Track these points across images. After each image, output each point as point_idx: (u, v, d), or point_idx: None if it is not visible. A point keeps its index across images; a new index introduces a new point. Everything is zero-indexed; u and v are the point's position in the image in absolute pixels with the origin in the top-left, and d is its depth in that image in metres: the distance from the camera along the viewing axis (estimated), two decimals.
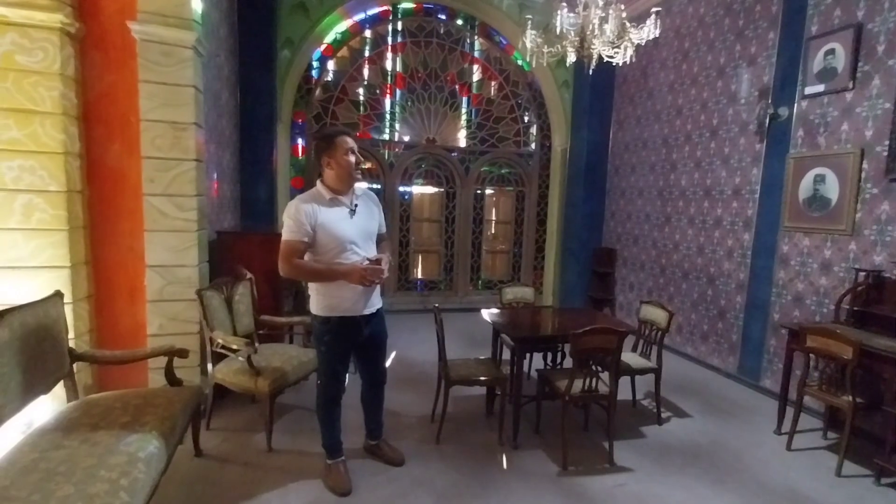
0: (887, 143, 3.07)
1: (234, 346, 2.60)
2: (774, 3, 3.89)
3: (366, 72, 5.90)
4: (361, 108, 5.94)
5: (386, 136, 6.05)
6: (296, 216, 2.10)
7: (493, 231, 6.67)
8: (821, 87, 3.50)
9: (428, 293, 6.47)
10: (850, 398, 2.70)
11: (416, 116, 6.10)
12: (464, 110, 6.26)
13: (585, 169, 6.08)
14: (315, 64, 5.72)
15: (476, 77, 6.24)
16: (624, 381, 3.28)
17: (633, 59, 2.78)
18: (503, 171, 6.53)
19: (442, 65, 6.06)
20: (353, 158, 2.18)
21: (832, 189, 3.42)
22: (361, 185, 2.35)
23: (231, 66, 4.48)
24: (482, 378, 2.85)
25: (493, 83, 6.31)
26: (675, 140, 4.99)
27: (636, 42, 2.60)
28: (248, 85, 4.80)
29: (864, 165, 3.24)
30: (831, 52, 3.42)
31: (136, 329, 2.92)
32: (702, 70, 4.64)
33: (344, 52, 5.82)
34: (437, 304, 2.95)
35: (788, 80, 3.75)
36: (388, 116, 6.03)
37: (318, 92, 5.78)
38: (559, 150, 6.47)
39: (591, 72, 2.93)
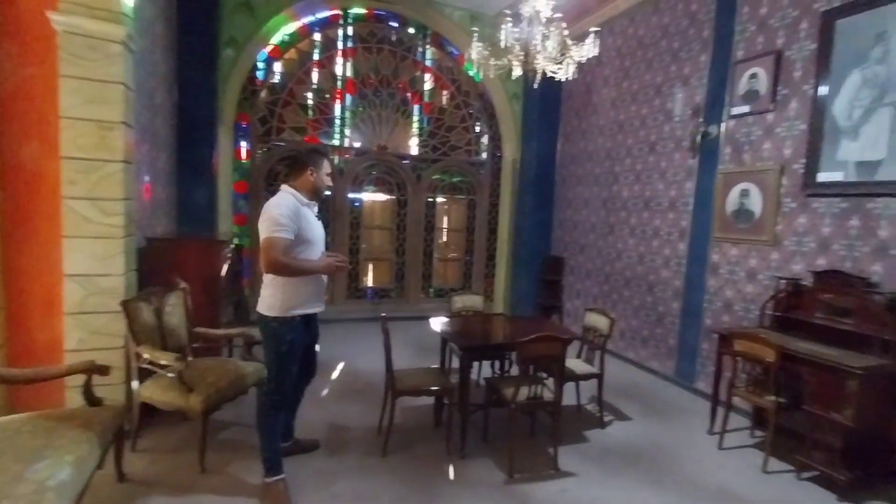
0: (803, 161, 3.35)
1: (163, 361, 2.43)
2: (706, 28, 4.17)
3: (315, 75, 5.78)
4: (310, 112, 5.81)
5: (336, 142, 5.94)
6: (288, 215, 2.21)
7: (444, 239, 6.69)
8: (746, 108, 3.77)
9: (379, 301, 6.38)
10: (774, 398, 2.90)
11: (368, 122, 6.03)
12: (416, 118, 6.26)
13: (535, 179, 6.24)
14: (260, 65, 5.53)
15: (428, 86, 6.27)
16: (569, 386, 3.35)
17: (577, 76, 2.89)
18: (455, 180, 6.57)
19: (394, 72, 6.04)
20: (330, 179, 2.53)
21: (756, 203, 3.69)
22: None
23: (168, 64, 4.25)
24: (430, 388, 2.82)
25: (444, 92, 6.36)
26: (617, 153, 5.22)
27: (577, 59, 2.70)
28: (187, 84, 4.57)
29: (784, 181, 3.51)
30: (755, 75, 3.70)
31: (52, 344, 2.67)
32: (641, 88, 4.89)
33: (292, 54, 5.67)
34: (384, 314, 2.89)
35: (717, 100, 4.02)
36: (338, 122, 5.92)
37: (263, 94, 5.59)
38: (510, 160, 6.60)
39: (536, 86, 3.01)
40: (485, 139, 6.62)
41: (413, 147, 6.30)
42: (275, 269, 2.19)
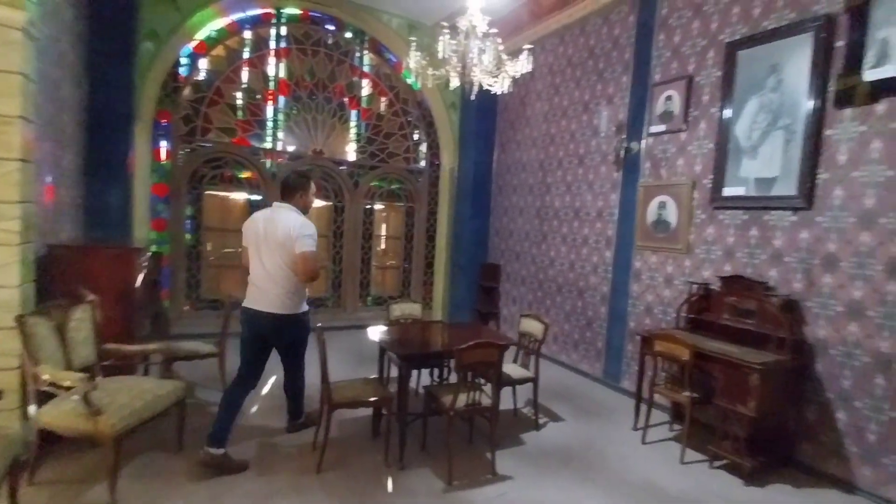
0: (711, 176, 3.69)
1: (66, 383, 2.18)
2: (627, 51, 4.49)
3: (245, 74, 5.52)
4: (240, 113, 5.53)
5: (268, 145, 5.70)
6: (314, 232, 2.76)
7: (383, 246, 6.62)
8: (662, 127, 4.10)
9: (315, 311, 6.15)
10: (689, 394, 3.15)
11: (303, 126, 5.85)
12: (353, 123, 6.16)
13: (472, 187, 6.36)
14: (184, 60, 5.20)
15: (366, 91, 6.21)
16: (506, 390, 3.44)
17: (512, 89, 2.99)
18: (393, 187, 6.54)
19: (330, 76, 5.92)
20: (314, 198, 3.03)
21: (672, 214, 4.01)
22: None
23: (77, 55, 3.87)
24: (367, 399, 2.76)
25: (383, 99, 6.32)
26: (549, 165, 5.46)
27: (512, 74, 2.80)
28: (99, 77, 4.19)
29: (695, 195, 3.85)
30: (670, 97, 4.04)
31: None
32: (570, 104, 5.16)
33: (219, 50, 5.38)
34: (319, 324, 2.80)
35: (638, 118, 4.34)
36: (270, 124, 5.69)
37: (187, 91, 5.25)
38: (448, 169, 6.68)
39: (473, 97, 3.08)
40: (423, 147, 6.65)
41: (350, 153, 6.20)
42: (315, 278, 2.80)
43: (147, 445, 2.83)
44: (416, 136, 6.59)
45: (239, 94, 5.52)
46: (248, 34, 5.51)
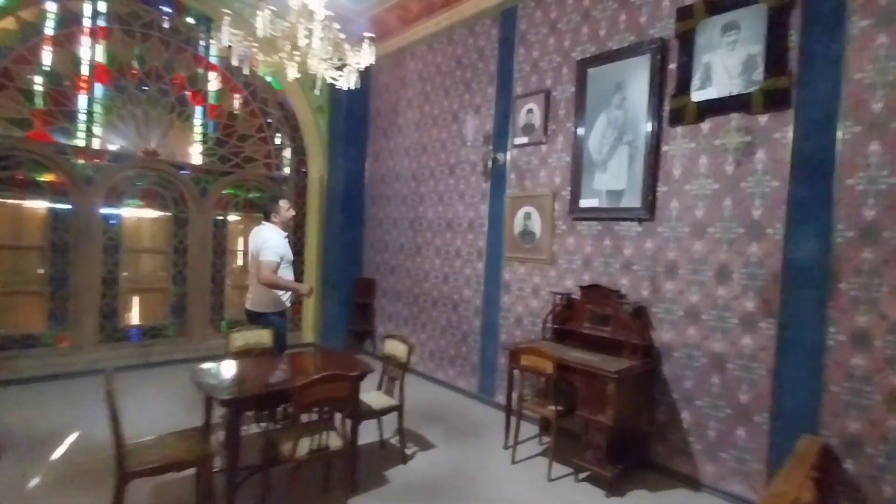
0: (569, 188, 3.77)
1: None
2: (491, 63, 4.49)
3: (46, 54, 4.44)
4: (39, 101, 4.42)
5: (80, 142, 4.64)
6: (280, 243, 3.51)
7: (240, 263, 5.83)
8: (525, 139, 4.13)
9: (150, 342, 5.16)
10: (554, 407, 3.09)
11: (130, 122, 4.90)
12: (198, 122, 5.35)
13: (344, 198, 5.93)
14: None
15: (214, 86, 5.44)
16: (370, 423, 3.07)
17: (358, 85, 2.69)
18: (252, 196, 5.81)
19: (167, 65, 5.06)
20: (292, 213, 3.75)
21: (536, 224, 4.03)
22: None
23: None
24: (177, 461, 2.17)
25: (236, 96, 5.60)
26: (421, 175, 5.27)
27: (356, 66, 2.50)
28: None
29: (556, 206, 3.91)
30: (531, 110, 4.08)
31: None
32: (441, 113, 5.04)
33: (8, 23, 4.26)
34: (108, 368, 2.16)
35: (503, 130, 4.34)
36: (83, 116, 4.65)
37: None
38: (316, 177, 6.16)
39: (318, 91, 2.71)
40: (287, 153, 6.04)
41: (195, 155, 5.36)
42: (269, 284, 3.41)
43: None
44: (278, 140, 5.95)
45: (38, 78, 4.41)
46: (51, 6, 4.45)
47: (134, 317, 5.14)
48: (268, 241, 3.43)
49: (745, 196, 2.88)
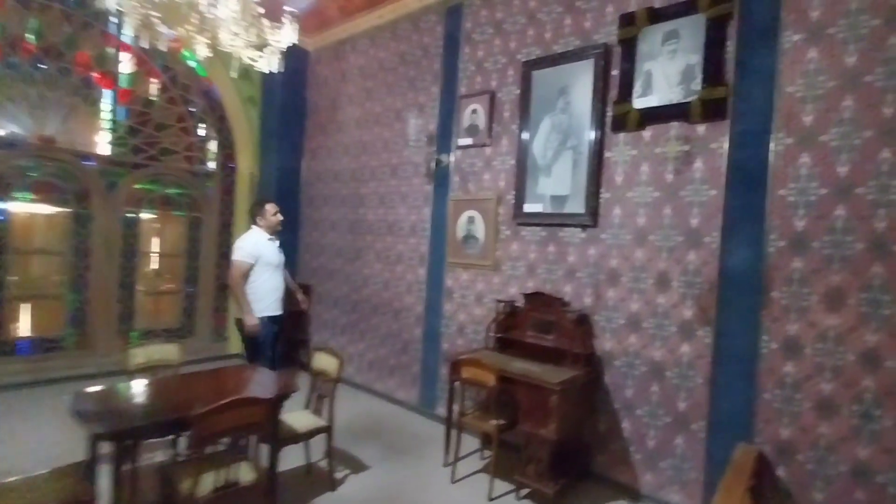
0: (514, 192, 3.67)
1: None
2: (436, 61, 4.32)
3: None
4: None
5: None
6: (254, 245, 3.54)
7: (155, 266, 5.25)
8: (469, 141, 3.99)
9: (43, 357, 4.49)
10: (496, 422, 2.94)
11: (22, 103, 4.25)
12: (107, 107, 4.75)
13: (276, 197, 5.45)
14: None
15: (127, 69, 4.86)
16: (296, 446, 2.76)
17: (282, 69, 2.41)
18: (170, 192, 5.26)
19: (69, 42, 4.45)
20: (279, 217, 3.72)
21: (480, 229, 3.89)
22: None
23: None
24: None
25: (154, 81, 5.05)
26: (362, 175, 5.00)
27: (277, 46, 2.22)
28: None
29: (500, 210, 3.79)
30: (475, 111, 3.95)
31: None
32: (383, 111, 4.79)
33: None
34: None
35: (447, 130, 4.17)
36: None
37: None
38: (246, 174, 5.69)
39: (234, 74, 2.40)
40: (213, 146, 5.54)
41: (103, 145, 4.75)
42: (231, 285, 3.56)
43: None
44: (202, 132, 5.44)
45: None
46: None
47: (24, 327, 4.45)
48: (240, 242, 3.55)
49: (684, 204, 2.89)
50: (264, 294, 3.55)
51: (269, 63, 2.21)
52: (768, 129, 2.60)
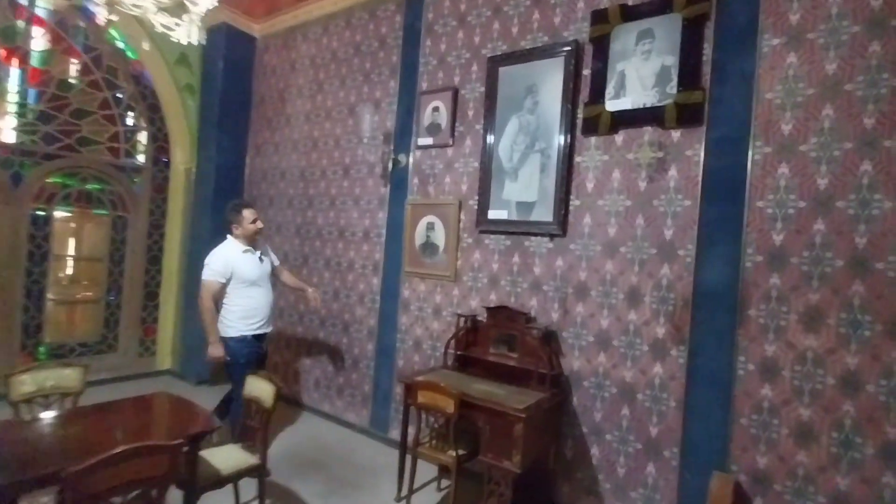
0: (477, 198, 3.39)
1: None
2: (394, 54, 4.00)
3: None
4: None
5: None
6: (227, 260, 3.14)
7: (69, 272, 4.61)
8: (430, 140, 3.69)
9: None
10: (454, 453, 2.63)
11: None
12: (13, 87, 4.11)
13: (216, 195, 4.97)
14: None
15: (40, 45, 4.24)
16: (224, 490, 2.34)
17: (203, 41, 2.02)
18: (90, 187, 4.63)
19: None
20: (258, 225, 3.29)
21: (440, 236, 3.59)
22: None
23: None
24: None
25: (73, 61, 4.44)
26: (311, 174, 4.58)
27: (195, 12, 1.83)
28: None
29: (462, 216, 3.50)
30: (437, 108, 3.65)
31: None
32: (335, 105, 4.41)
33: None
34: None
35: (406, 129, 3.85)
36: None
37: None
38: (182, 170, 5.14)
39: (146, 46, 1.98)
40: (143, 137, 4.95)
41: (6, 131, 4.10)
42: (201, 303, 3.10)
43: None
44: (130, 121, 4.85)
45: None
46: None
47: None
48: (209, 257, 3.16)
49: (658, 214, 2.71)
50: (245, 314, 3.18)
51: (188, 33, 1.82)
52: (746, 137, 2.46)
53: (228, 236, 3.27)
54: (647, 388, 2.69)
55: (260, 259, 3.33)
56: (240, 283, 3.17)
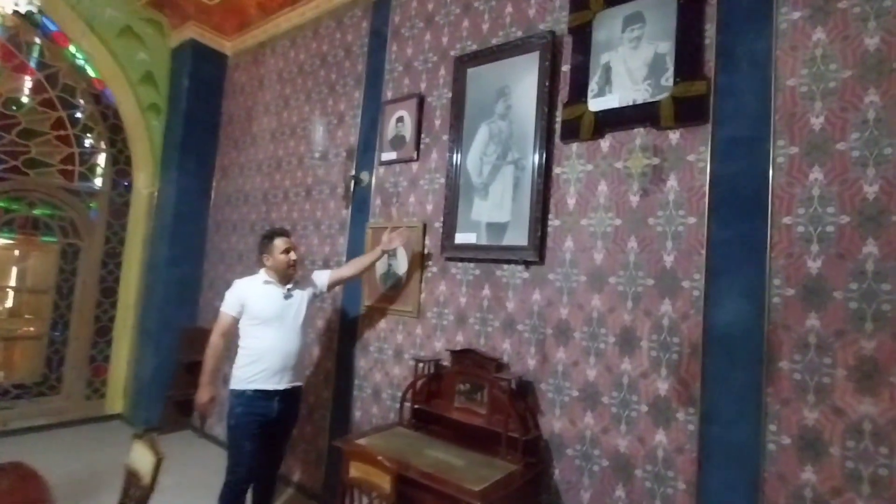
0: (442, 219, 2.88)
1: None
2: (360, 62, 3.61)
3: None
4: None
5: None
6: (245, 294, 2.66)
7: (9, 304, 4.19)
8: (393, 155, 3.23)
9: None
10: None
11: None
12: None
13: (174, 221, 4.57)
14: None
15: None
16: None
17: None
18: (37, 212, 4.27)
19: None
20: (292, 257, 2.70)
21: (402, 265, 3.07)
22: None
23: None
24: None
25: (25, 78, 4.17)
26: (274, 197, 4.15)
27: None
28: None
29: (427, 241, 2.99)
30: (401, 119, 3.20)
31: None
32: (300, 121, 4.02)
33: None
34: None
35: (369, 143, 3.41)
36: None
37: None
38: (145, 194, 4.77)
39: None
40: (101, 160, 4.62)
41: None
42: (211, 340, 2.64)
43: None
44: (88, 143, 4.53)
45: None
46: None
47: None
48: (229, 290, 2.74)
49: (655, 236, 2.15)
50: (249, 359, 2.57)
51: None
52: (764, 136, 1.91)
53: (260, 270, 2.77)
54: (648, 462, 2.06)
55: (287, 294, 2.69)
56: (250, 319, 2.62)
